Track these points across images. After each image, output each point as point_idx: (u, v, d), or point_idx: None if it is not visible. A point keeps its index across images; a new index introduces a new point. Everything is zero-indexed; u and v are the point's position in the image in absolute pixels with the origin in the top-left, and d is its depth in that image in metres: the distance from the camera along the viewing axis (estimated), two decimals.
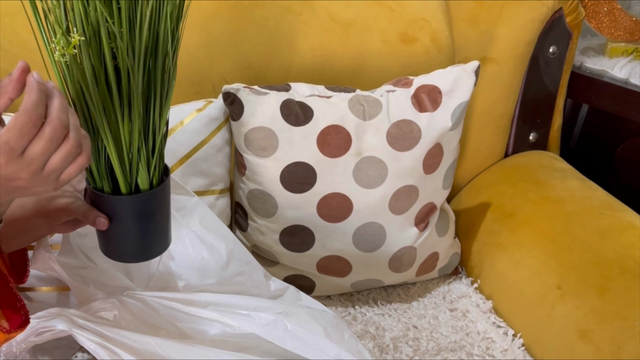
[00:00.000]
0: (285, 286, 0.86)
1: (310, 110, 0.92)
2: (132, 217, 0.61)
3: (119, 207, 0.60)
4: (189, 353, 0.64)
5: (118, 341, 0.63)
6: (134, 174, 0.59)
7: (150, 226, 0.62)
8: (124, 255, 0.64)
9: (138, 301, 0.72)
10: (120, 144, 0.57)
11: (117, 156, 0.57)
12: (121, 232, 0.61)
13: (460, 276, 1.12)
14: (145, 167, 0.59)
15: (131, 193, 0.59)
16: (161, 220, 0.63)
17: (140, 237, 0.62)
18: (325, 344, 0.69)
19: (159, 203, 0.62)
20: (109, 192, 0.60)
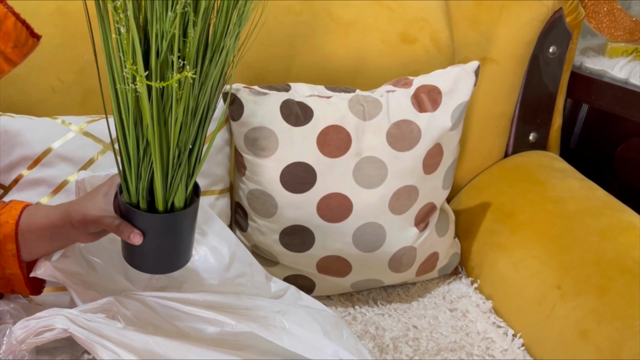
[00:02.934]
0: (286, 286, 0.86)
1: (310, 111, 0.92)
2: (164, 233, 0.64)
3: (154, 224, 0.63)
4: (187, 352, 0.64)
5: (117, 340, 0.63)
6: (173, 194, 0.62)
7: (179, 241, 0.66)
8: (151, 267, 0.67)
9: (137, 301, 0.72)
10: (167, 167, 0.60)
11: (161, 177, 0.60)
12: (152, 246, 0.64)
13: (460, 276, 1.12)
14: (184, 187, 0.62)
15: (166, 211, 0.63)
16: (189, 236, 0.67)
17: (169, 252, 0.66)
18: (324, 342, 0.69)
19: (189, 221, 0.66)
20: (144, 209, 0.62)
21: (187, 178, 0.62)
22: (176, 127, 0.58)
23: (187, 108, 0.58)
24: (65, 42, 0.93)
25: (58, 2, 0.93)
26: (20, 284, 0.71)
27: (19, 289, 0.72)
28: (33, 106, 0.94)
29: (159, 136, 0.58)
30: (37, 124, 0.85)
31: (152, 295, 0.72)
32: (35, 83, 0.93)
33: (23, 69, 0.92)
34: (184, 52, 0.56)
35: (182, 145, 0.59)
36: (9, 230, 0.68)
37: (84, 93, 0.96)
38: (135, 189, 0.61)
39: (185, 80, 0.56)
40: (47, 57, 0.93)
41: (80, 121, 0.87)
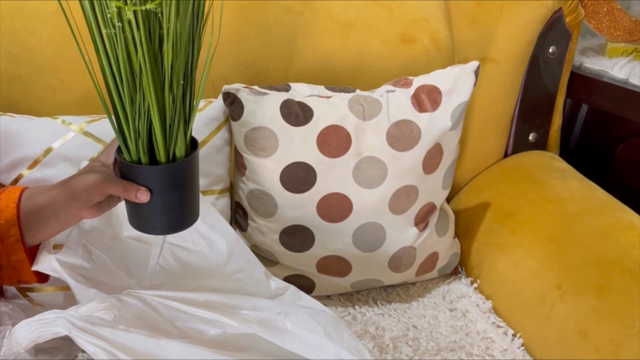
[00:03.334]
0: (285, 285, 0.86)
1: (310, 111, 0.92)
2: (170, 186, 0.62)
3: (158, 176, 0.61)
4: (188, 354, 0.64)
5: (117, 343, 0.63)
6: (173, 143, 0.60)
7: (186, 195, 0.64)
8: (159, 227, 0.65)
9: (138, 300, 0.72)
10: (164, 113, 0.58)
11: (160, 125, 0.58)
12: (159, 203, 0.62)
13: (460, 276, 1.12)
14: (182, 135, 0.60)
15: (169, 162, 0.61)
16: (194, 190, 0.65)
17: (176, 207, 0.63)
18: (325, 343, 0.69)
19: (193, 171, 0.64)
20: (146, 163, 0.61)
21: (184, 125, 0.61)
22: (167, 63, 0.56)
23: (175, 41, 0.56)
24: (65, 42, 0.93)
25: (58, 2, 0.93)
26: (28, 271, 0.70)
27: (26, 277, 0.71)
28: (33, 106, 0.94)
29: (152, 78, 0.56)
30: (37, 124, 0.86)
31: (153, 294, 0.72)
32: (36, 83, 0.93)
33: (23, 69, 0.93)
34: None
35: (175, 86, 0.58)
36: (10, 214, 0.66)
37: (84, 93, 0.96)
38: (134, 145, 0.60)
39: (171, 9, 0.54)
40: (47, 57, 0.93)
41: (80, 121, 0.87)
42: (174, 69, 0.57)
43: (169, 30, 0.55)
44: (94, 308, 0.69)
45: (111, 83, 0.59)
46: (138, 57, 0.55)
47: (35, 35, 0.92)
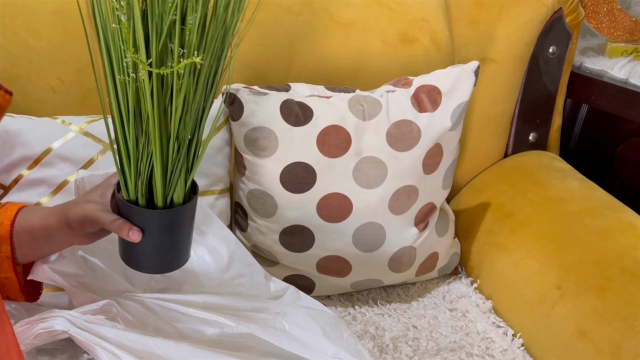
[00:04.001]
0: (285, 286, 0.86)
1: (310, 111, 0.92)
2: (164, 230, 0.63)
3: (153, 220, 0.62)
4: (186, 353, 0.64)
5: (117, 342, 0.63)
6: (172, 189, 0.62)
7: (178, 239, 0.65)
8: (150, 267, 0.66)
9: (137, 303, 0.72)
10: (166, 160, 0.60)
11: (161, 171, 0.60)
12: (151, 245, 0.63)
13: (460, 276, 1.12)
14: (183, 182, 0.62)
15: (165, 207, 0.62)
16: (188, 234, 0.66)
17: (168, 250, 0.65)
18: (324, 343, 0.69)
19: (188, 217, 0.65)
20: (143, 205, 0.62)
21: (186, 173, 0.62)
22: (176, 117, 0.57)
23: (187, 97, 0.57)
24: (65, 42, 0.93)
25: (58, 2, 0.93)
26: (15, 289, 0.70)
27: (14, 295, 0.71)
28: (33, 106, 0.94)
29: (159, 128, 0.57)
30: (37, 124, 0.85)
31: (151, 297, 0.72)
32: (35, 83, 0.93)
33: (23, 69, 0.93)
34: (183, 40, 0.55)
35: (181, 138, 0.59)
36: (3, 232, 0.67)
37: (84, 93, 0.96)
38: (134, 185, 0.61)
39: (185, 70, 0.55)
40: (47, 57, 0.93)
41: (80, 121, 0.87)
42: (182, 122, 0.58)
43: (181, 87, 0.56)
44: (93, 309, 0.69)
45: (117, 122, 0.59)
46: (147, 107, 0.56)
47: (35, 35, 0.92)
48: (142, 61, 0.54)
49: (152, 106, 0.56)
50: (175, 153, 0.59)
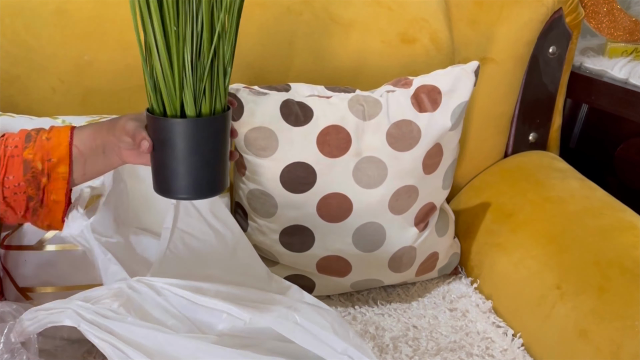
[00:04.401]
0: (287, 285, 0.86)
1: (310, 111, 0.92)
2: (178, 145, 0.58)
3: (164, 130, 0.57)
4: (196, 350, 0.64)
5: (126, 338, 0.63)
6: (178, 96, 0.57)
7: (197, 160, 0.59)
8: (171, 189, 0.61)
9: (149, 288, 0.71)
10: (164, 59, 0.56)
11: (160, 71, 0.56)
12: (167, 161, 0.59)
13: (460, 276, 1.12)
14: (191, 91, 0.57)
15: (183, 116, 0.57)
16: (217, 154, 0.60)
17: (186, 171, 0.59)
18: (333, 339, 0.68)
19: (214, 135, 0.59)
20: (159, 114, 0.58)
21: (211, 83, 0.58)
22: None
23: None
24: (65, 42, 0.93)
25: (58, 2, 0.93)
26: (58, 216, 0.70)
27: (55, 223, 0.71)
28: (33, 106, 0.94)
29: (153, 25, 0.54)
30: (37, 124, 0.85)
31: (164, 282, 0.71)
32: (35, 83, 0.93)
33: (23, 70, 0.93)
34: None
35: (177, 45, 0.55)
36: (63, 152, 0.67)
37: (84, 93, 0.96)
38: (151, 90, 0.58)
39: None
40: (47, 57, 0.93)
41: (80, 121, 0.87)
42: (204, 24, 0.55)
43: None
44: (103, 294, 0.68)
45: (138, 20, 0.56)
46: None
47: (35, 35, 0.92)
48: None
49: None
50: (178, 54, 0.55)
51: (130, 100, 0.98)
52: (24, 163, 0.67)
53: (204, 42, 0.57)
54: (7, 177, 0.66)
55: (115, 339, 0.61)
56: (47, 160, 0.67)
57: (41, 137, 0.68)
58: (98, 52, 0.95)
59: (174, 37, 0.55)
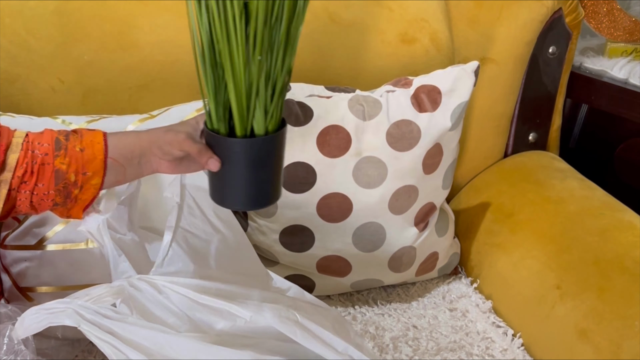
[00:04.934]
0: (288, 285, 0.86)
1: (310, 111, 0.92)
2: (245, 162, 0.61)
3: (232, 149, 0.60)
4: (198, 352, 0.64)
5: (126, 339, 0.63)
6: (251, 118, 0.59)
7: (262, 174, 0.62)
8: (233, 201, 0.64)
9: (150, 286, 0.71)
10: (240, 85, 0.57)
11: (235, 97, 0.58)
12: (232, 176, 0.62)
13: (460, 276, 1.12)
14: (262, 111, 0.59)
15: (245, 137, 0.60)
16: (272, 170, 0.63)
17: (250, 184, 0.62)
18: (334, 339, 0.68)
19: (272, 151, 0.62)
20: (224, 134, 0.61)
21: (266, 102, 0.60)
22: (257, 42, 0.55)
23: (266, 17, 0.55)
24: (65, 42, 0.93)
25: (58, 2, 0.93)
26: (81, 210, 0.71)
27: (76, 215, 0.71)
28: (33, 106, 0.94)
29: (236, 51, 0.56)
30: (37, 124, 0.86)
31: (165, 280, 0.71)
32: (35, 83, 0.93)
33: (23, 69, 0.93)
34: None
35: (258, 63, 0.57)
36: (98, 167, 0.67)
37: (84, 93, 0.96)
38: (215, 112, 0.60)
39: None
40: (47, 57, 0.93)
41: (80, 121, 0.87)
42: (256, 44, 0.56)
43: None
44: (104, 292, 0.68)
45: (198, 46, 0.58)
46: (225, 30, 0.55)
47: (35, 35, 0.92)
48: None
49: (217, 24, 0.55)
50: (247, 77, 0.57)
51: (130, 100, 0.98)
52: (55, 173, 0.66)
53: (278, 65, 0.59)
54: (37, 185, 0.66)
55: (115, 339, 0.61)
56: (82, 174, 0.67)
57: (74, 147, 0.67)
58: (98, 52, 0.95)
59: (257, 66, 0.57)
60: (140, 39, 0.96)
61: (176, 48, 0.98)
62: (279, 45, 0.57)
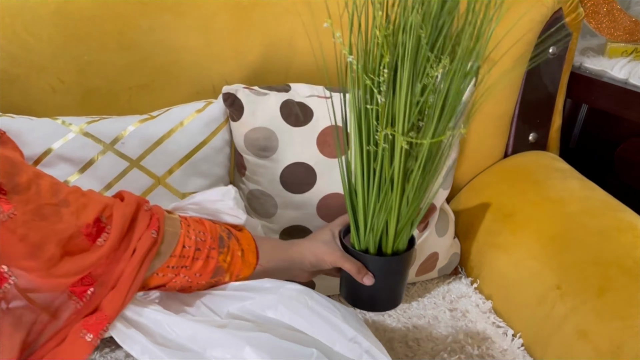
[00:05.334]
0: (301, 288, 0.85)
1: (310, 111, 0.92)
2: (387, 274, 0.75)
3: (380, 266, 0.74)
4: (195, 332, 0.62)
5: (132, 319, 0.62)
6: (398, 241, 0.74)
7: (398, 282, 0.77)
8: (369, 305, 0.77)
9: None
10: (398, 217, 0.72)
11: (394, 230, 0.72)
12: (374, 286, 0.73)
13: (460, 276, 1.12)
14: (408, 234, 0.74)
15: (393, 254, 0.74)
16: (406, 277, 0.78)
17: (388, 291, 0.76)
18: (343, 325, 0.68)
19: (409, 262, 0.77)
20: (373, 253, 0.74)
21: (410, 227, 0.73)
22: (415, 182, 0.69)
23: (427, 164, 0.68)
24: (65, 42, 0.93)
25: (58, 2, 0.93)
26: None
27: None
28: (33, 106, 0.94)
29: (400, 190, 0.69)
30: (37, 125, 0.86)
31: None
32: (35, 83, 0.93)
33: (23, 70, 0.93)
34: (423, 114, 0.67)
35: (414, 198, 0.70)
36: (248, 273, 0.73)
37: (84, 93, 0.96)
38: (365, 237, 0.74)
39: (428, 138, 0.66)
40: (47, 57, 0.93)
41: (80, 121, 0.87)
42: (418, 185, 0.70)
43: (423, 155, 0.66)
44: None
45: (360, 186, 0.71)
46: (392, 172, 0.68)
47: (35, 35, 0.92)
48: (400, 133, 0.66)
49: (398, 171, 0.68)
50: (407, 210, 0.71)
51: (130, 100, 0.98)
52: (216, 270, 0.69)
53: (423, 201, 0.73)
54: (196, 274, 0.68)
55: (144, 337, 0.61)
56: (236, 276, 0.72)
57: (235, 252, 0.72)
58: (98, 52, 0.95)
59: (412, 207, 0.71)
60: (140, 39, 0.96)
61: (176, 48, 0.98)
62: (426, 186, 0.71)
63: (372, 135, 0.68)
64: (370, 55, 0.67)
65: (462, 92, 0.66)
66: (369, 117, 0.68)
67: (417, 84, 0.64)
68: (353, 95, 0.68)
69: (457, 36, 0.66)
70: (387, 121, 0.66)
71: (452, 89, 0.65)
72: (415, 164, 0.68)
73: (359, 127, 0.69)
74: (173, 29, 0.98)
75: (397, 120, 0.65)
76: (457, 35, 0.66)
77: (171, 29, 0.97)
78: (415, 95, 0.65)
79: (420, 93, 0.65)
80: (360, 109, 0.68)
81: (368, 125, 0.68)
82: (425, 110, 0.66)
